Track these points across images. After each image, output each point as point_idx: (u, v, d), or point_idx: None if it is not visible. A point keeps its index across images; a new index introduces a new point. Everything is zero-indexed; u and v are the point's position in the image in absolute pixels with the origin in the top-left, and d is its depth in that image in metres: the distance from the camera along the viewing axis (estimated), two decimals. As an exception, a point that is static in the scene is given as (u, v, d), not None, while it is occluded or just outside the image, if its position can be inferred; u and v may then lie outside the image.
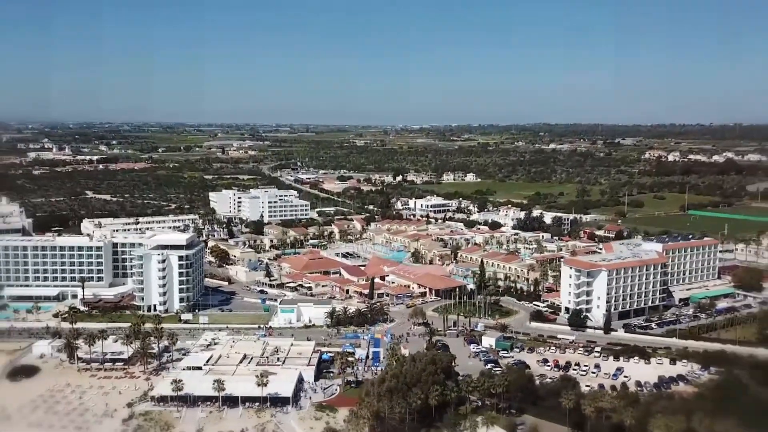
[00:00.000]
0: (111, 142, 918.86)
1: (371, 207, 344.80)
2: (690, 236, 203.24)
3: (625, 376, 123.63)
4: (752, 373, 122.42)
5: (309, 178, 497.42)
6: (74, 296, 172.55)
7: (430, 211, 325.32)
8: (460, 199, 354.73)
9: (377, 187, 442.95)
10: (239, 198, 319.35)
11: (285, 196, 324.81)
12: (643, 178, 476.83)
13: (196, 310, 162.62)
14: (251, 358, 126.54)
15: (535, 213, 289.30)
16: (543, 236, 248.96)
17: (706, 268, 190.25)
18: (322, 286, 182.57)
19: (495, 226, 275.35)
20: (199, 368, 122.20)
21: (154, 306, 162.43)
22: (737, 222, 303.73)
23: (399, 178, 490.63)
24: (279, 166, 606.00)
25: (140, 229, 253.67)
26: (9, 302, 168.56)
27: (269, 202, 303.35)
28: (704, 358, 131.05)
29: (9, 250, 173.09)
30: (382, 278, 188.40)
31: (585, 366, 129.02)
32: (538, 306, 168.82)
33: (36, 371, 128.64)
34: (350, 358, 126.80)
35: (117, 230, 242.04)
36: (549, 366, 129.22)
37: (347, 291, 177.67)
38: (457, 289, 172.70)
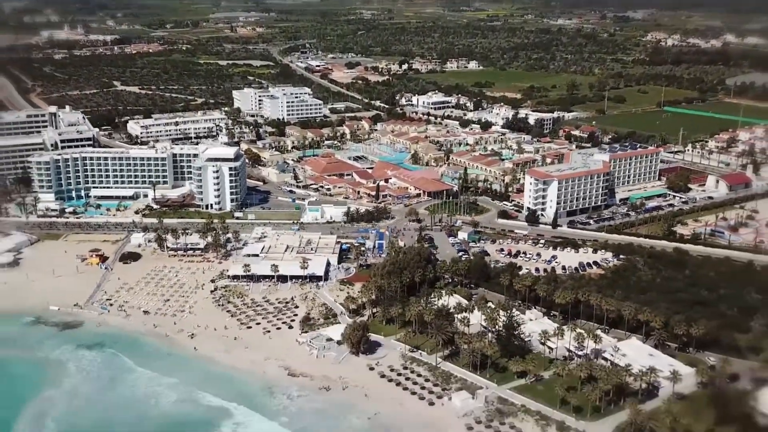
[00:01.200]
0: (116, 14, 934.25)
1: (378, 103, 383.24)
2: (638, 145, 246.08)
3: (556, 262, 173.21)
4: (646, 260, 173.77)
5: (319, 66, 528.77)
6: (145, 196, 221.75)
7: (431, 108, 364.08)
8: (459, 95, 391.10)
9: (384, 77, 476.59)
10: (260, 97, 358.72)
11: (300, 94, 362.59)
12: (635, 68, 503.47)
13: (244, 208, 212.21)
14: (292, 248, 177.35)
15: (522, 114, 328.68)
16: (524, 138, 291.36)
17: (648, 172, 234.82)
18: (339, 187, 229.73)
19: (486, 126, 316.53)
20: (256, 255, 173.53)
21: (211, 205, 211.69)
22: (704, 120, 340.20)
23: (404, 66, 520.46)
24: (288, 49, 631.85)
25: (181, 130, 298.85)
26: (98, 201, 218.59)
27: (287, 102, 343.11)
28: (616, 248, 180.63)
29: (94, 160, 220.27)
30: (386, 180, 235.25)
31: (530, 254, 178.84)
32: (506, 205, 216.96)
33: (139, 257, 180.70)
34: (362, 248, 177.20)
35: (160, 132, 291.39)
36: (504, 254, 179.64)
37: (358, 192, 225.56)
38: (445, 192, 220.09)
